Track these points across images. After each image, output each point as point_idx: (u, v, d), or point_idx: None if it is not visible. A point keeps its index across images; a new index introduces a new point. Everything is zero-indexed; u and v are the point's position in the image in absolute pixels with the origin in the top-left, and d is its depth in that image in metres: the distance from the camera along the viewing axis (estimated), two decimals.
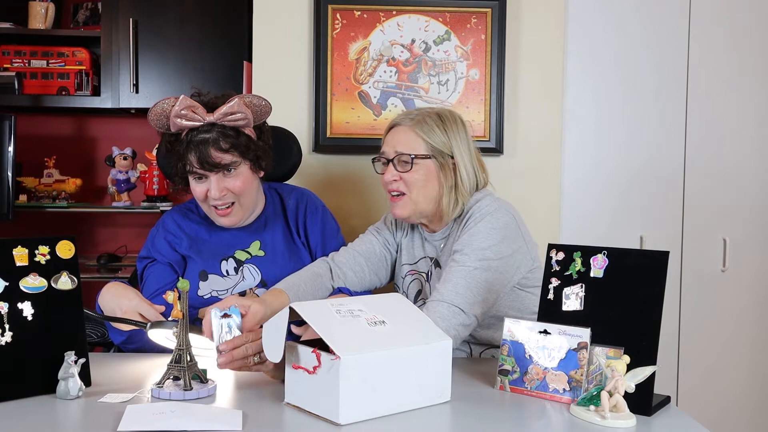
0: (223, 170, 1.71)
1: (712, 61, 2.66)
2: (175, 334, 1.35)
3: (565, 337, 1.29)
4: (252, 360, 1.34)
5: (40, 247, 1.33)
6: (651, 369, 1.20)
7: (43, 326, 1.30)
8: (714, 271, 2.71)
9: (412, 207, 1.71)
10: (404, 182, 1.69)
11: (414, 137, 1.69)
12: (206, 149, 1.67)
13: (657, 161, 2.67)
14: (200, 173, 1.71)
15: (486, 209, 1.66)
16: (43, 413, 1.20)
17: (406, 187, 1.69)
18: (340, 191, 2.48)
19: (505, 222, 1.64)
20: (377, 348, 1.19)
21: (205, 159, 1.68)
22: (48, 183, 3.04)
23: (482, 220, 1.64)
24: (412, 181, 1.69)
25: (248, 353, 1.34)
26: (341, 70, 2.44)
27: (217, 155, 1.69)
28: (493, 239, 1.61)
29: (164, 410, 1.18)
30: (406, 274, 1.83)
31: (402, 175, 1.69)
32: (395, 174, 1.70)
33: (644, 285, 1.29)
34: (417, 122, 1.70)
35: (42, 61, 3.00)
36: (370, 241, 1.87)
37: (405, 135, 1.70)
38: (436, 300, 1.56)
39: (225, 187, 1.72)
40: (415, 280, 1.81)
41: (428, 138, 1.69)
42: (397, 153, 1.69)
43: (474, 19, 2.46)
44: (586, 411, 1.20)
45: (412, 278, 1.82)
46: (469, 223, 1.65)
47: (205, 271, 1.79)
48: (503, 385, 1.36)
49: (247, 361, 1.34)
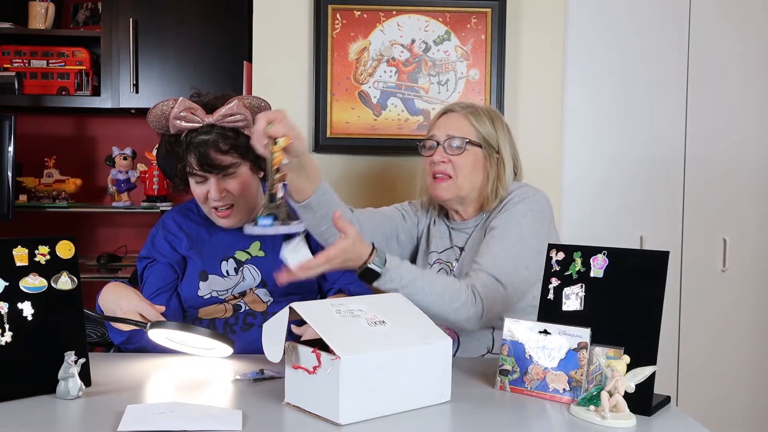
0: (222, 172, 1.71)
1: (713, 59, 2.66)
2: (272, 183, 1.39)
3: (565, 337, 1.30)
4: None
5: (40, 247, 1.33)
6: (651, 369, 1.20)
7: (43, 326, 1.30)
8: (714, 271, 2.71)
9: (455, 191, 1.75)
10: (453, 165, 1.74)
11: (467, 124, 1.75)
12: (206, 151, 1.68)
13: (657, 161, 2.67)
14: (200, 175, 1.71)
15: (525, 194, 1.73)
16: (43, 413, 1.20)
17: (453, 170, 1.74)
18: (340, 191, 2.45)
19: (542, 207, 1.72)
20: (377, 348, 1.19)
21: (204, 160, 1.68)
22: (48, 183, 3.04)
23: (521, 202, 1.71)
24: (461, 165, 1.74)
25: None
26: (341, 70, 2.44)
27: (217, 157, 1.69)
28: (530, 220, 1.68)
29: (164, 410, 1.18)
30: (434, 262, 1.85)
31: (451, 158, 1.74)
32: (444, 156, 1.74)
33: (644, 285, 1.29)
34: (470, 112, 1.78)
35: (42, 61, 3.00)
36: (392, 211, 1.90)
37: (458, 121, 1.76)
38: (477, 270, 1.61)
39: (224, 189, 1.72)
40: (441, 270, 1.83)
41: (480, 128, 1.76)
42: (449, 136, 1.74)
43: (474, 19, 2.46)
44: (586, 411, 1.20)
45: (440, 267, 1.83)
46: (507, 206, 1.72)
47: (205, 272, 1.79)
48: (503, 385, 1.36)
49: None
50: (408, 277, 1.50)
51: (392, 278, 1.48)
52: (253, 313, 1.76)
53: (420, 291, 1.50)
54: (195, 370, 1.49)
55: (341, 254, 1.44)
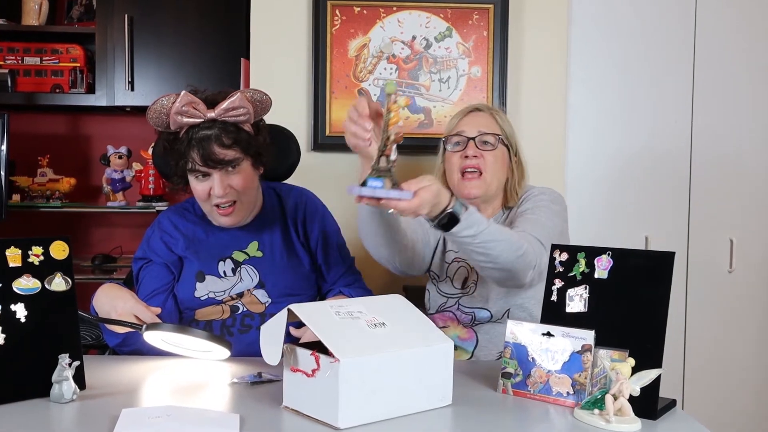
0: (226, 167, 1.70)
1: (720, 56, 2.66)
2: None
3: (568, 340, 1.29)
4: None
5: (33, 247, 1.32)
6: (656, 372, 1.20)
7: (36, 328, 1.30)
8: (721, 271, 2.70)
9: (485, 187, 1.82)
10: (484, 160, 1.80)
11: (494, 123, 1.85)
12: (209, 146, 1.67)
13: (662, 159, 2.67)
14: (203, 171, 1.71)
15: (541, 189, 1.85)
16: (36, 417, 1.20)
17: (485, 165, 1.80)
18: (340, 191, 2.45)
19: (561, 201, 1.84)
20: (377, 350, 1.19)
21: (208, 156, 1.67)
22: (42, 182, 3.04)
23: (541, 194, 1.82)
24: (491, 161, 1.81)
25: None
26: (341, 67, 2.44)
27: (221, 151, 1.69)
28: (557, 207, 1.80)
29: (160, 414, 1.18)
30: (452, 261, 1.88)
31: (483, 153, 1.80)
32: (477, 151, 1.80)
33: (649, 286, 1.29)
34: (496, 112, 1.89)
35: (35, 58, 3.00)
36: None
37: (487, 120, 1.85)
38: (521, 231, 1.67)
39: (228, 185, 1.72)
40: (461, 267, 1.86)
41: (505, 128, 1.86)
42: (481, 132, 1.81)
43: (476, 15, 2.46)
44: (590, 415, 1.20)
45: (459, 265, 1.87)
46: (528, 198, 1.82)
47: (202, 272, 1.79)
48: (506, 388, 1.36)
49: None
50: (484, 222, 1.51)
51: (471, 223, 1.48)
52: (251, 314, 1.76)
53: (493, 237, 1.52)
54: (191, 373, 1.49)
55: (433, 197, 1.41)
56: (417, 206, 1.38)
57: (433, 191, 1.40)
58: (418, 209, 1.39)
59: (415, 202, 1.37)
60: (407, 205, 1.37)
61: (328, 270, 1.88)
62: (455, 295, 1.85)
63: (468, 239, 1.49)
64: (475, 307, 1.82)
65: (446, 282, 1.88)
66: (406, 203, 1.36)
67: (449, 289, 1.87)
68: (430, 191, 1.39)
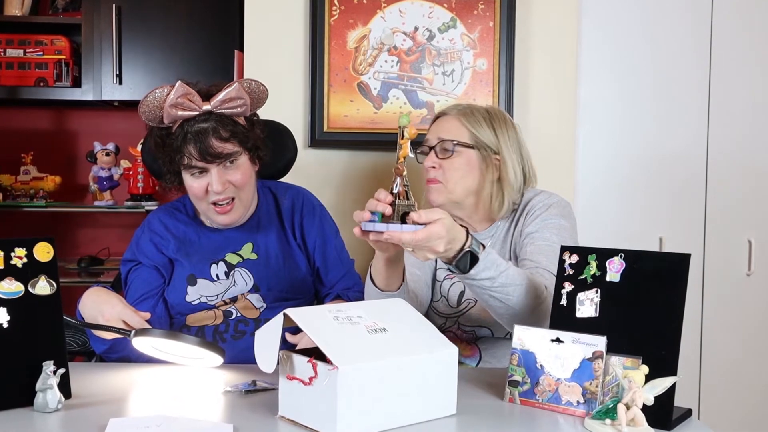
0: (224, 161, 1.70)
1: (736, 53, 2.66)
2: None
3: (579, 346, 1.29)
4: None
5: (16, 249, 1.33)
6: (671, 380, 1.20)
7: (19, 334, 1.30)
8: (739, 274, 2.71)
9: (447, 195, 1.78)
10: (443, 170, 1.77)
11: (458, 126, 1.79)
12: (206, 139, 1.67)
13: (677, 157, 2.67)
14: (201, 166, 1.70)
15: (548, 200, 1.79)
16: (19, 427, 1.20)
17: (443, 175, 1.77)
18: (339, 189, 2.48)
19: (570, 213, 1.80)
20: (377, 357, 1.19)
21: (206, 150, 1.67)
22: (25, 181, 3.05)
23: (549, 207, 1.76)
24: (451, 169, 1.77)
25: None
26: (339, 59, 2.45)
27: (219, 145, 1.69)
28: (565, 224, 1.75)
29: (149, 424, 1.18)
30: (444, 278, 1.86)
31: (441, 163, 1.78)
32: (435, 161, 1.78)
33: (664, 290, 1.29)
34: (464, 113, 1.81)
35: (18, 50, 3.00)
36: None
37: (449, 123, 1.81)
38: (536, 268, 1.63)
39: (227, 180, 1.72)
40: (456, 283, 1.84)
41: (473, 129, 1.79)
42: (440, 140, 1.78)
43: (481, 5, 2.46)
44: (602, 425, 1.20)
45: (452, 282, 1.84)
46: (535, 212, 1.76)
47: (194, 276, 1.79)
48: (513, 397, 1.36)
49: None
50: (503, 263, 1.45)
51: (489, 264, 1.41)
52: (245, 320, 1.76)
53: (512, 281, 1.45)
54: (182, 381, 1.49)
55: (445, 231, 1.33)
56: (424, 239, 1.32)
57: (445, 225, 1.33)
58: (428, 243, 1.33)
59: (421, 235, 1.31)
60: (411, 237, 1.32)
61: (326, 273, 1.88)
62: (453, 316, 1.84)
63: (487, 282, 1.43)
64: (475, 326, 1.81)
65: (441, 301, 1.86)
66: (410, 235, 1.32)
67: (446, 309, 1.85)
68: (441, 224, 1.32)
